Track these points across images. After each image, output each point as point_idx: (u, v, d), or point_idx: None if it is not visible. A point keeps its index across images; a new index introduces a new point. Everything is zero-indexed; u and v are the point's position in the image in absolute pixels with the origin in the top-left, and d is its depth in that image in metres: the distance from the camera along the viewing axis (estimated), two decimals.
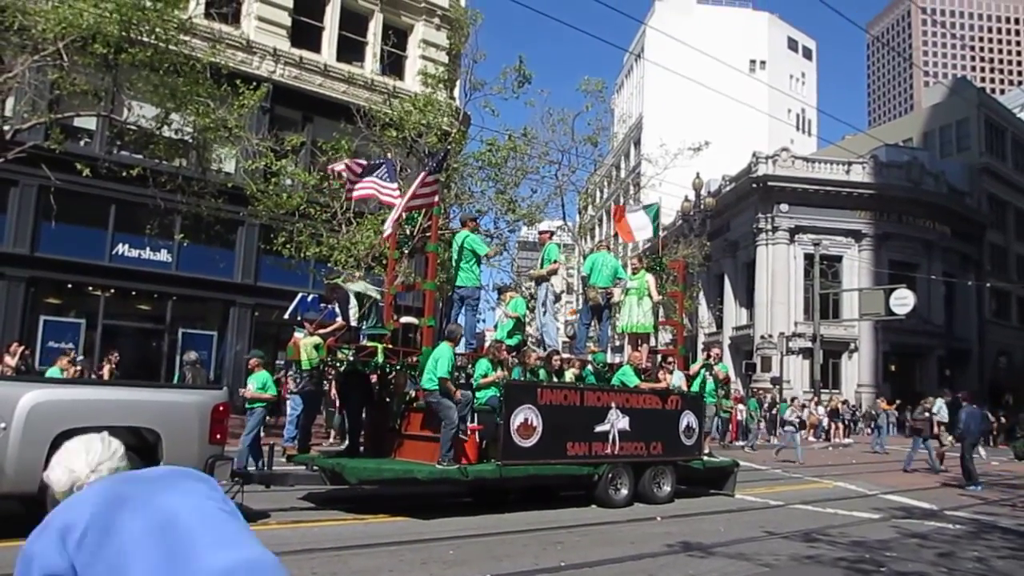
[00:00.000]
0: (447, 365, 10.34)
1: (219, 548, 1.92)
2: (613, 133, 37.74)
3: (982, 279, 50.93)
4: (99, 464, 2.28)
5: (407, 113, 20.93)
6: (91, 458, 2.30)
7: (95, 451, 2.31)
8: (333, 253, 19.47)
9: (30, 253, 20.96)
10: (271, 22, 25.72)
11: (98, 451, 2.31)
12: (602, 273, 13.48)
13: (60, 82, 15.79)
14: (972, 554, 8.64)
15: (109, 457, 2.30)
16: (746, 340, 46.09)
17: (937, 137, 59.22)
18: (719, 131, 47.51)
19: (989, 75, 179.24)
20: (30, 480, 7.14)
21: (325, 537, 8.29)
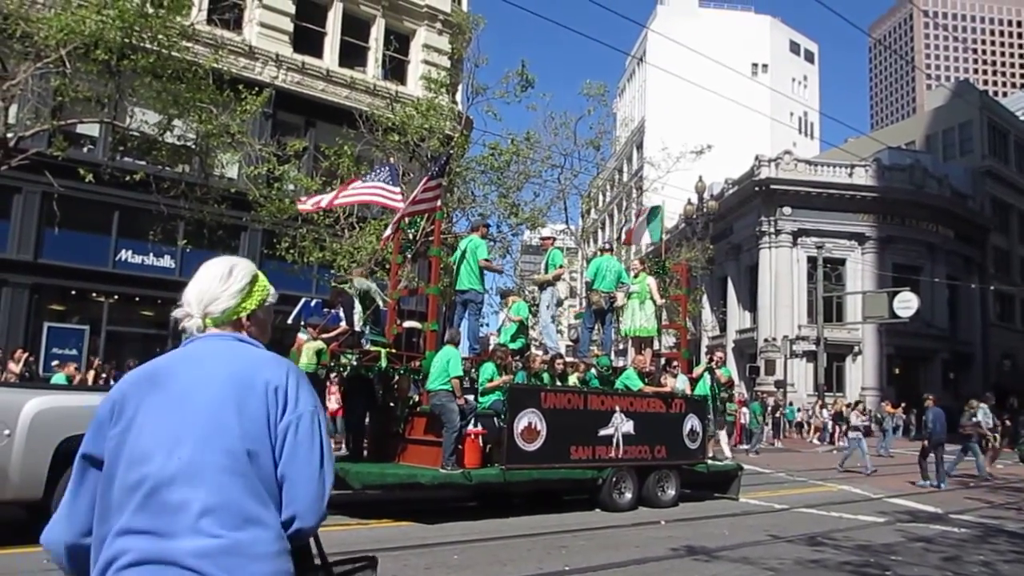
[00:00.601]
0: (459, 365, 10.41)
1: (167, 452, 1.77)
2: (615, 137, 37.77)
3: (986, 282, 50.86)
4: (198, 304, 2.00)
5: (409, 118, 20.96)
6: (193, 293, 2.02)
7: (200, 285, 2.02)
8: (336, 258, 19.49)
9: (34, 260, 21.00)
10: (273, 28, 25.77)
11: (202, 286, 2.02)
12: (606, 277, 13.47)
13: (63, 89, 15.81)
14: (978, 558, 8.61)
15: (211, 300, 2.00)
16: (750, 343, 46.03)
17: (940, 140, 59.20)
18: (721, 134, 47.56)
19: (992, 78, 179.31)
20: (34, 486, 7.14)
21: (329, 542, 8.18)
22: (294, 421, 1.83)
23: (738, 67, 50.35)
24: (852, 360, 44.67)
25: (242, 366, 1.88)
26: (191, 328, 1.99)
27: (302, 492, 1.81)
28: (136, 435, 1.81)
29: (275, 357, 1.95)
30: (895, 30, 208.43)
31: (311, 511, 1.82)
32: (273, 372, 1.87)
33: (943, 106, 61.70)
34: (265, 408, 1.82)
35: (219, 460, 1.76)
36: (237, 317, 2.01)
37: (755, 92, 52.77)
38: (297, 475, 1.81)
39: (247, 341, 1.99)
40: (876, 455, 25.83)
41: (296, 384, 1.88)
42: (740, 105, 41.85)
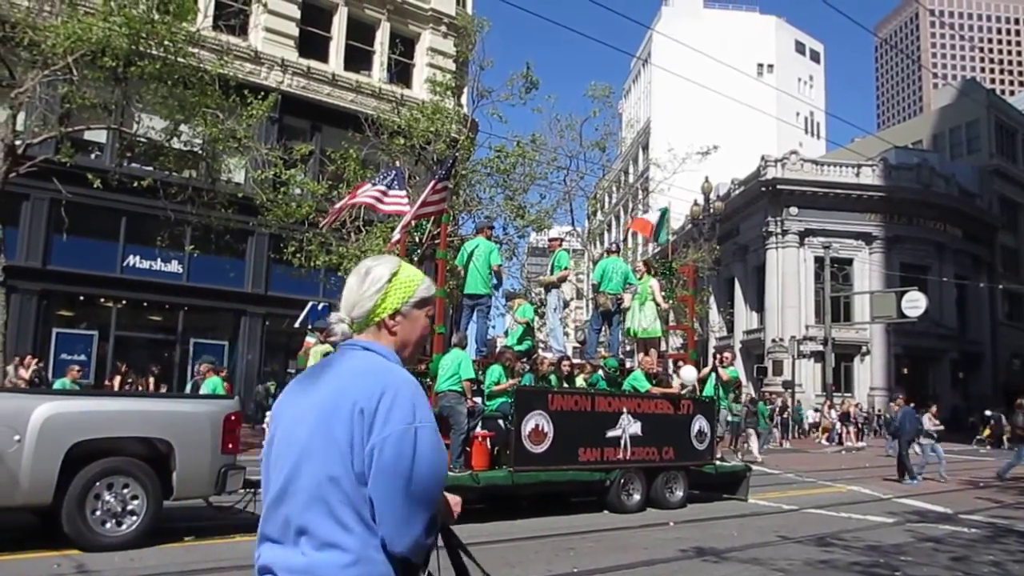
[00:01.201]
0: (471, 367, 10.44)
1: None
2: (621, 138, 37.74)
3: (994, 281, 50.66)
4: (345, 309, 2.01)
5: (415, 121, 20.99)
6: (343, 297, 2.03)
7: (347, 288, 2.03)
8: (343, 262, 19.52)
9: (42, 266, 21.11)
10: (279, 33, 25.87)
11: (347, 290, 2.02)
12: (612, 279, 13.47)
13: (70, 96, 15.89)
14: (988, 558, 8.57)
15: (353, 304, 2.00)
16: (757, 344, 45.94)
17: (947, 139, 59.03)
18: (727, 135, 47.46)
19: (999, 76, 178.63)
20: (44, 492, 7.17)
21: None
22: (379, 444, 1.77)
23: (743, 67, 50.26)
24: (860, 360, 44.54)
25: (337, 387, 1.86)
26: (341, 333, 2.01)
27: (386, 516, 1.78)
28: (272, 446, 1.95)
29: (378, 372, 1.88)
30: (901, 29, 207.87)
31: (396, 535, 1.78)
32: (364, 392, 1.82)
33: (950, 105, 61.51)
34: (349, 432, 1.79)
35: (306, 483, 1.81)
36: (379, 319, 2.00)
37: (761, 92, 52.69)
38: (379, 499, 1.78)
39: (372, 349, 1.96)
40: (885, 455, 25.77)
41: (390, 402, 1.80)
42: (746, 106, 41.78)
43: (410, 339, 2.04)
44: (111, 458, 7.64)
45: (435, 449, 1.82)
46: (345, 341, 2.00)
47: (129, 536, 7.58)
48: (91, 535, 7.39)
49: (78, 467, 7.37)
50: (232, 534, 8.56)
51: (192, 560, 7.34)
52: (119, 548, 7.41)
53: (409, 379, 1.89)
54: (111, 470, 7.59)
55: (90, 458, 7.47)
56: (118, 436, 7.81)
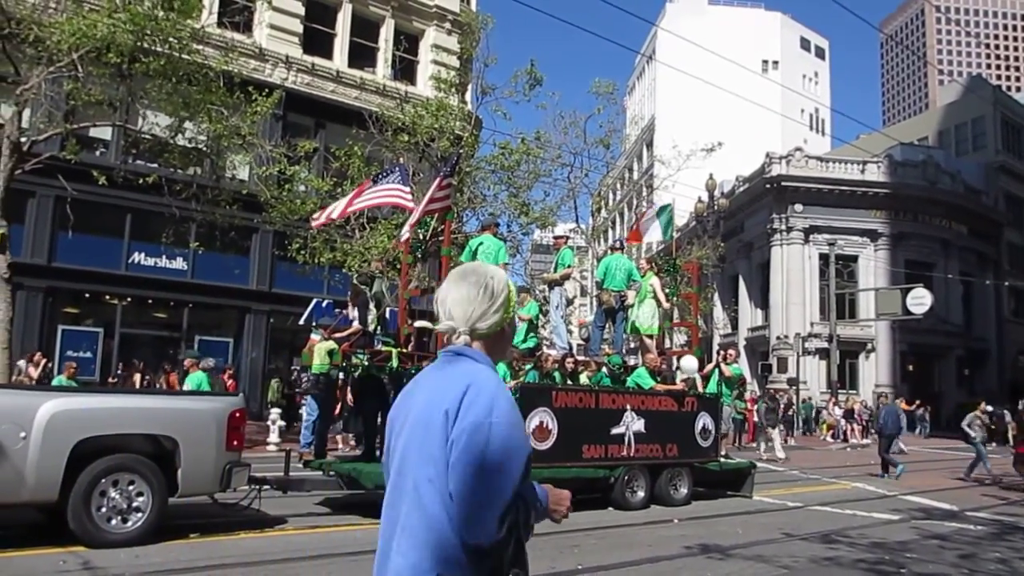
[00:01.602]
0: None
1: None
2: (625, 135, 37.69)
3: (1000, 278, 50.51)
4: (464, 320, 2.06)
5: (419, 118, 20.98)
6: (458, 308, 2.06)
7: (464, 299, 2.07)
8: (347, 259, 19.53)
9: (48, 263, 21.15)
10: (283, 30, 25.87)
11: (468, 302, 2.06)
12: (616, 276, 13.45)
13: (75, 93, 15.91)
14: (994, 555, 8.56)
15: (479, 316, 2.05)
16: (761, 341, 45.87)
17: (953, 136, 58.84)
18: (732, 132, 47.39)
19: (1005, 72, 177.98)
20: (49, 489, 7.19)
21: (342, 542, 8.30)
22: (455, 439, 1.85)
23: (748, 64, 50.15)
24: (865, 357, 44.45)
25: (433, 393, 1.96)
26: (458, 343, 2.06)
27: (460, 509, 1.83)
28: (386, 451, 2.09)
29: (466, 373, 1.95)
30: (907, 25, 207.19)
31: (465, 527, 1.84)
32: (451, 394, 1.90)
33: (956, 101, 61.31)
34: (442, 434, 1.88)
35: (405, 485, 1.93)
36: (500, 329, 2.09)
37: (766, 89, 52.54)
38: (456, 493, 1.84)
39: (463, 353, 2.02)
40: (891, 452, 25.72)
41: (471, 399, 1.87)
42: (751, 102, 41.68)
43: (508, 341, 2.19)
44: (116, 455, 7.65)
45: (507, 446, 1.86)
46: (444, 349, 2.10)
47: (134, 533, 7.59)
48: (97, 532, 7.41)
49: (84, 464, 7.39)
50: (237, 531, 8.58)
51: (197, 557, 7.35)
52: (124, 545, 7.43)
53: (492, 378, 1.96)
54: (116, 467, 7.61)
55: (96, 455, 7.49)
56: (123, 433, 7.82)
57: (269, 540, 8.39)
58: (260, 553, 7.56)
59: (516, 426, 1.90)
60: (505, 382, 10.49)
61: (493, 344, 2.08)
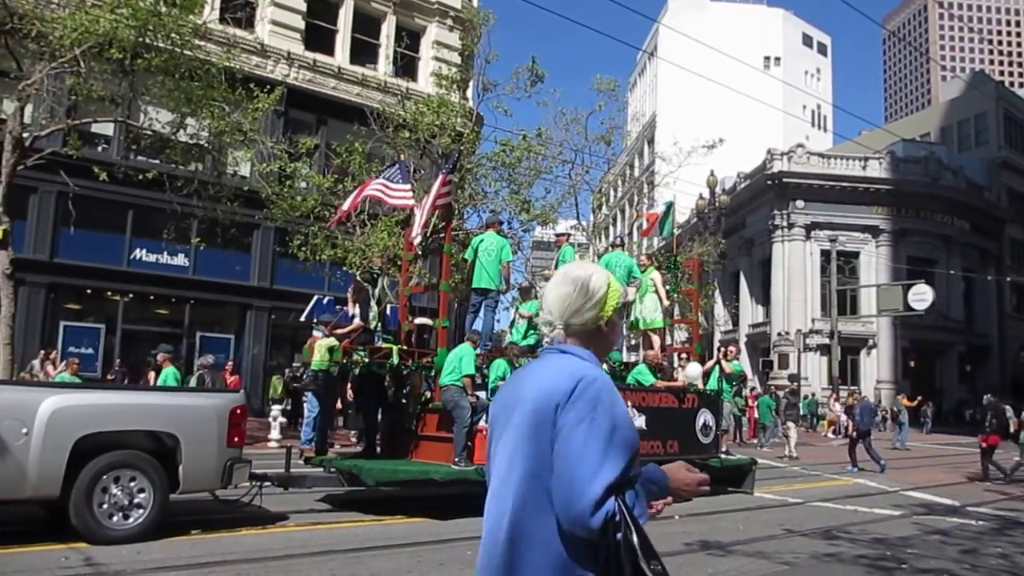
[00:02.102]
0: (472, 363, 10.41)
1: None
2: (626, 132, 37.63)
3: (1002, 274, 50.48)
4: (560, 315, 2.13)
5: (420, 114, 20.96)
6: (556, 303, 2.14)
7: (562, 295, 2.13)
8: (348, 255, 19.53)
9: (50, 259, 21.17)
10: (285, 26, 25.85)
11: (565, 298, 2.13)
12: (616, 273, 13.44)
13: (77, 88, 15.92)
14: (995, 550, 8.56)
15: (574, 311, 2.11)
16: (763, 338, 45.87)
17: (955, 132, 58.76)
18: (733, 128, 47.32)
19: (1007, 68, 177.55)
20: (51, 485, 7.20)
21: (344, 538, 8.31)
22: (560, 430, 1.91)
23: (750, 61, 50.09)
24: (867, 353, 44.44)
25: (540, 387, 2.00)
26: (554, 338, 2.14)
27: (557, 498, 1.88)
28: (488, 449, 2.16)
29: (573, 370, 1.99)
30: (909, 21, 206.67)
31: (563, 516, 1.87)
32: (559, 388, 1.95)
33: (958, 97, 61.22)
34: (550, 427, 1.93)
35: (512, 477, 1.97)
36: (596, 326, 2.13)
37: (767, 85, 52.52)
38: (555, 481, 1.89)
39: (568, 351, 2.08)
40: (892, 448, 25.74)
41: (576, 395, 1.92)
42: (752, 99, 41.65)
43: (611, 341, 2.22)
44: (118, 451, 7.66)
45: (610, 438, 1.88)
46: (546, 346, 2.17)
47: (136, 529, 7.60)
48: (98, 528, 7.42)
49: (85, 460, 7.39)
50: (239, 527, 8.59)
51: (199, 554, 7.36)
52: (126, 541, 7.44)
53: (599, 376, 1.99)
54: (118, 463, 7.62)
55: (97, 451, 7.49)
56: (125, 429, 7.83)
57: (270, 536, 8.40)
58: (261, 549, 7.57)
59: (620, 419, 1.93)
60: (503, 379, 10.56)
61: (592, 340, 2.14)
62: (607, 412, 1.91)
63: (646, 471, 2.01)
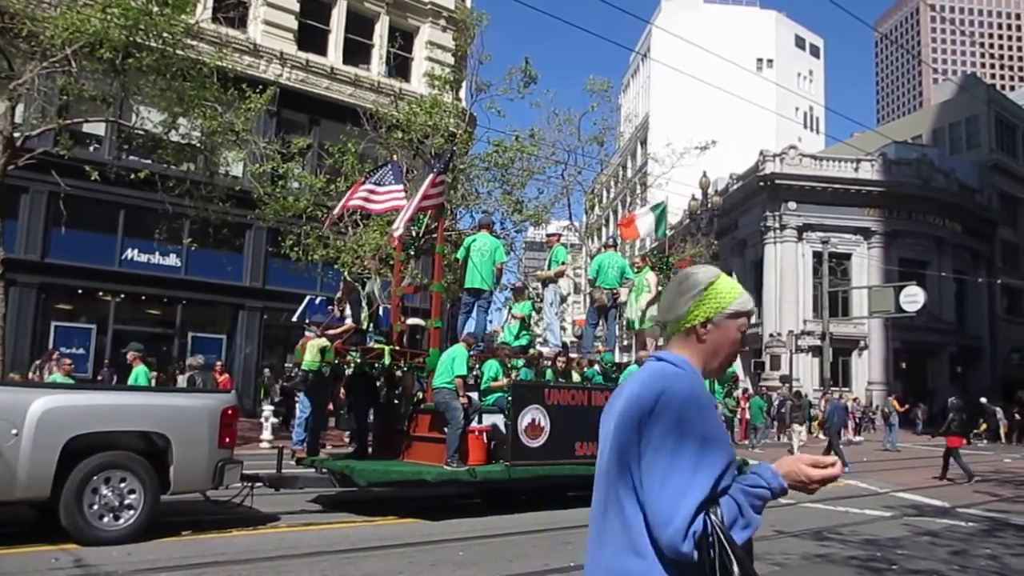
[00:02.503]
0: (464, 364, 10.42)
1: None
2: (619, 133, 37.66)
3: (993, 276, 50.66)
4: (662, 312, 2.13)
5: (413, 115, 20.96)
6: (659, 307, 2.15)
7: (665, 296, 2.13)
8: (340, 255, 19.51)
9: (41, 259, 21.09)
10: (277, 26, 25.81)
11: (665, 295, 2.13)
12: (609, 274, 13.47)
13: (68, 88, 15.87)
14: (985, 551, 8.59)
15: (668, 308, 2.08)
16: (755, 339, 45.91)
17: (947, 134, 58.92)
18: (726, 130, 47.42)
19: (999, 71, 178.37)
20: (42, 486, 7.18)
21: (335, 539, 8.30)
22: (644, 449, 1.84)
23: (743, 62, 50.17)
24: (858, 355, 44.54)
25: (631, 397, 1.93)
26: (660, 351, 2.07)
27: (648, 511, 1.81)
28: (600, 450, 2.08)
29: (662, 378, 1.91)
30: (901, 24, 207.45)
31: (656, 529, 1.80)
32: (645, 403, 1.87)
33: (950, 100, 61.42)
34: (637, 438, 1.86)
35: (610, 490, 1.91)
36: (690, 326, 2.03)
37: (760, 87, 52.60)
38: (645, 496, 1.83)
39: (663, 359, 2.01)
40: (883, 449, 25.84)
41: (660, 410, 1.84)
42: (745, 100, 41.70)
43: (720, 350, 2.05)
44: (108, 452, 7.64)
45: (696, 450, 1.80)
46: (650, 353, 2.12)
47: (127, 530, 7.58)
48: (89, 529, 7.39)
49: (76, 461, 7.37)
50: (230, 528, 8.57)
51: (190, 555, 7.35)
52: (117, 542, 7.42)
53: (686, 387, 1.88)
54: (108, 464, 7.60)
55: (87, 452, 7.47)
56: (115, 430, 7.81)
57: (262, 537, 8.39)
58: (253, 551, 7.56)
59: (708, 431, 1.84)
60: (496, 380, 10.56)
61: (690, 345, 2.04)
62: (692, 426, 1.81)
63: (753, 473, 1.90)
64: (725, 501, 1.80)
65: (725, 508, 1.79)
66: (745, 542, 1.82)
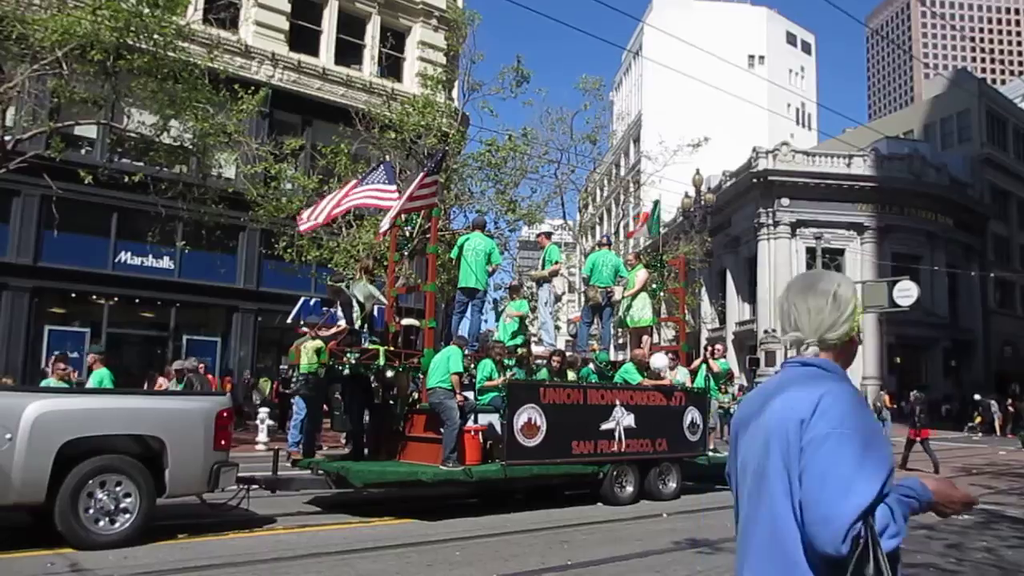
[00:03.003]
0: (460, 362, 10.43)
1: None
2: (612, 131, 37.67)
3: (986, 270, 50.79)
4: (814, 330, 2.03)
5: (406, 115, 20.94)
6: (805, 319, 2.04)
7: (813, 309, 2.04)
8: (334, 256, 19.49)
9: (33, 263, 21.01)
10: (269, 27, 25.75)
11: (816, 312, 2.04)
12: (603, 272, 13.48)
13: (60, 91, 15.81)
14: (981, 544, 8.63)
15: (829, 327, 2.02)
16: (749, 335, 46.02)
17: (938, 129, 59.05)
18: (719, 127, 47.42)
19: (989, 66, 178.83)
20: (36, 490, 7.16)
21: (331, 541, 8.30)
22: (805, 447, 1.82)
23: (735, 59, 50.19)
24: None
25: (785, 402, 1.92)
26: (807, 355, 2.03)
27: (807, 509, 1.79)
28: (736, 468, 2.08)
29: (819, 382, 1.91)
30: (892, 19, 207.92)
31: (814, 534, 1.77)
32: (804, 403, 1.87)
33: (941, 95, 61.56)
34: (796, 443, 1.85)
35: (762, 496, 1.90)
36: (849, 339, 2.04)
37: (752, 84, 52.63)
38: (804, 500, 1.80)
39: (812, 364, 2.00)
40: None
41: (823, 409, 1.84)
42: (737, 97, 41.77)
43: (855, 351, 2.10)
44: (103, 456, 7.62)
45: (857, 455, 1.78)
46: (790, 359, 2.07)
47: (122, 534, 7.56)
48: (84, 533, 7.37)
49: (70, 465, 7.35)
50: (226, 531, 8.56)
51: (186, 558, 7.34)
52: (112, 546, 7.40)
53: (846, 389, 1.91)
54: (104, 468, 7.58)
55: (82, 456, 7.45)
56: (110, 434, 7.79)
57: (258, 540, 8.38)
58: (249, 553, 7.55)
59: (870, 436, 1.83)
60: (490, 379, 10.57)
61: (840, 351, 2.04)
62: (855, 427, 1.81)
63: (906, 484, 1.90)
64: (879, 507, 1.79)
65: (879, 514, 1.79)
66: (893, 551, 1.81)
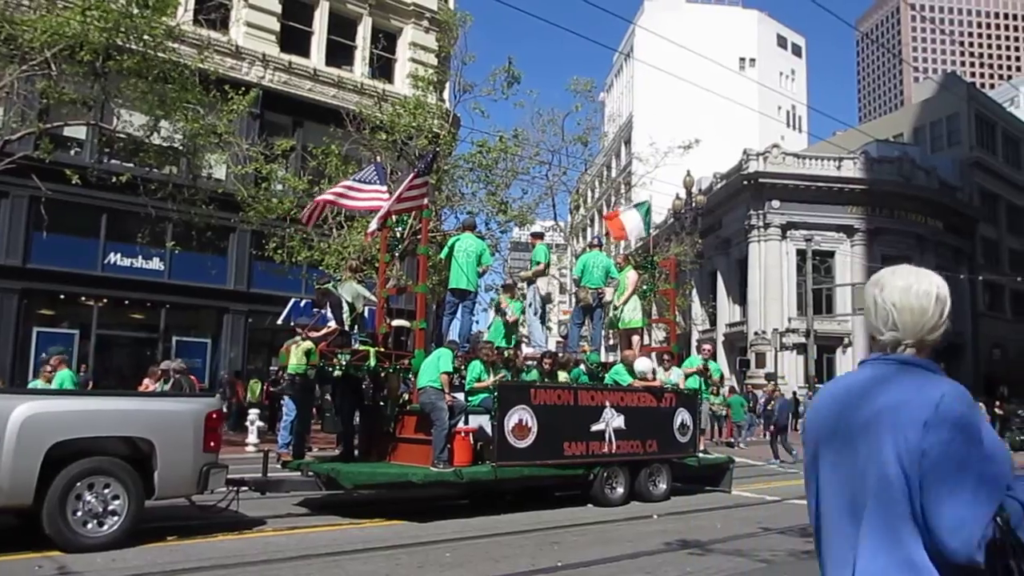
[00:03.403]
0: (450, 362, 10.44)
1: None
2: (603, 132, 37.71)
3: (975, 272, 51.04)
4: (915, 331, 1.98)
5: (397, 116, 20.92)
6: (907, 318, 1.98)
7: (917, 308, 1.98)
8: (325, 257, 19.45)
9: (22, 264, 20.90)
10: (260, 27, 25.69)
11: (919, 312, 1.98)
12: (593, 273, 13.49)
13: (49, 91, 15.74)
14: None
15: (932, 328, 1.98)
16: (740, 337, 46.14)
17: (927, 132, 59.33)
18: (709, 129, 47.55)
19: (979, 70, 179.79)
20: (24, 493, 7.12)
21: (321, 542, 8.28)
22: (926, 455, 1.75)
23: (725, 62, 50.30)
24: (842, 352, 44.79)
25: (898, 402, 1.85)
26: (903, 355, 1.97)
27: (933, 517, 1.73)
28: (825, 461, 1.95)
29: (933, 385, 1.85)
30: (882, 23, 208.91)
31: (942, 535, 1.71)
32: (923, 404, 1.80)
33: (930, 98, 61.84)
34: (917, 441, 1.77)
35: (867, 500, 1.81)
36: (941, 333, 1.99)
37: (743, 86, 52.78)
38: (929, 502, 1.74)
39: (919, 364, 1.95)
40: None
41: (943, 413, 1.77)
42: (728, 100, 41.90)
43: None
44: (92, 458, 7.58)
45: (983, 457, 1.75)
46: (876, 356, 2.00)
47: (111, 536, 7.53)
48: (72, 536, 7.33)
49: (58, 467, 7.31)
50: (215, 533, 8.54)
51: (175, 560, 7.31)
52: (101, 549, 7.37)
53: (960, 389, 1.85)
54: (92, 470, 7.54)
55: (70, 458, 7.41)
56: (98, 436, 7.75)
57: (248, 542, 8.35)
58: (239, 555, 7.52)
59: (991, 436, 1.79)
60: (480, 381, 10.56)
61: (930, 353, 1.99)
62: (977, 431, 1.76)
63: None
64: (1009, 503, 1.75)
65: (1011, 510, 1.74)
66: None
